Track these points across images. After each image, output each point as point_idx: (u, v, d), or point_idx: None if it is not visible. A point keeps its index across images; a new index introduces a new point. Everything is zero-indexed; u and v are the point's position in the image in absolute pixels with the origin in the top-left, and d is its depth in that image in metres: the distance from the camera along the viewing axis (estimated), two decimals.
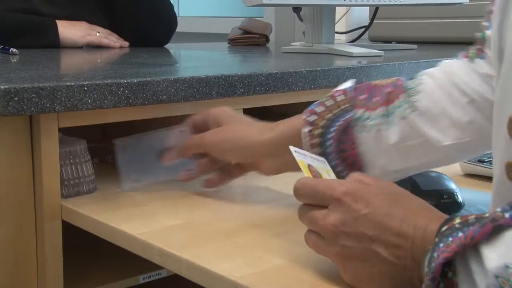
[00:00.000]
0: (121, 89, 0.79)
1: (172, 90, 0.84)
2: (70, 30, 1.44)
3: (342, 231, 0.51)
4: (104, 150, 1.10)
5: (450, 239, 0.44)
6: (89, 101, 0.76)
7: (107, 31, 1.52)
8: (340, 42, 1.70)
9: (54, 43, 1.42)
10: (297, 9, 1.43)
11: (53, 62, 1.16)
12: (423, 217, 0.50)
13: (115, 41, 1.51)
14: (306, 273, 0.56)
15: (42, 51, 1.33)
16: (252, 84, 0.92)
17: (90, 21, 1.50)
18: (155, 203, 0.79)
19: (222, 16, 2.99)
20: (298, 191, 0.57)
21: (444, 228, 0.46)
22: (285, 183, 0.89)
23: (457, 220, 0.46)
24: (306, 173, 0.60)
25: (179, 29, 1.62)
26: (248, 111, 0.95)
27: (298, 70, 0.98)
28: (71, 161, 0.81)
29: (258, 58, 1.34)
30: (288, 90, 0.97)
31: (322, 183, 0.56)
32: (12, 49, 1.20)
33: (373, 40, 1.97)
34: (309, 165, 0.61)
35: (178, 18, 1.62)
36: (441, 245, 0.44)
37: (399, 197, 0.52)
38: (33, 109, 0.72)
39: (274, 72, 0.95)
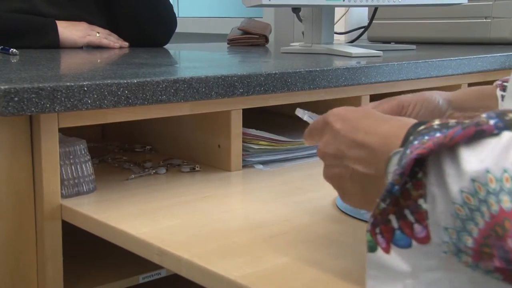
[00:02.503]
0: (121, 89, 0.79)
1: (172, 91, 0.84)
2: (70, 31, 1.44)
3: (325, 152, 0.55)
4: (104, 150, 1.11)
5: (426, 137, 0.42)
6: (89, 101, 0.76)
7: (107, 31, 1.53)
8: (339, 43, 1.70)
9: (54, 44, 1.42)
10: (296, 9, 1.43)
11: (53, 63, 1.16)
12: (388, 125, 0.49)
13: (114, 42, 1.51)
14: (306, 272, 0.57)
15: (42, 51, 1.34)
16: (251, 84, 0.92)
17: (90, 22, 1.50)
18: (155, 203, 0.79)
19: (221, 17, 2.99)
20: (308, 133, 0.59)
21: (421, 127, 0.44)
22: (284, 183, 0.89)
23: (436, 122, 0.44)
24: None
25: (178, 29, 1.62)
26: (247, 111, 0.96)
27: (297, 70, 0.98)
28: (71, 161, 0.81)
29: (258, 59, 1.35)
30: (287, 90, 0.97)
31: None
32: (12, 49, 1.20)
33: (372, 40, 1.97)
34: None
35: (177, 18, 1.62)
36: (416, 142, 0.43)
37: (373, 112, 0.53)
38: (33, 109, 0.72)
39: (274, 72, 0.95)
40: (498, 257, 0.38)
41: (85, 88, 0.76)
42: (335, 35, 1.46)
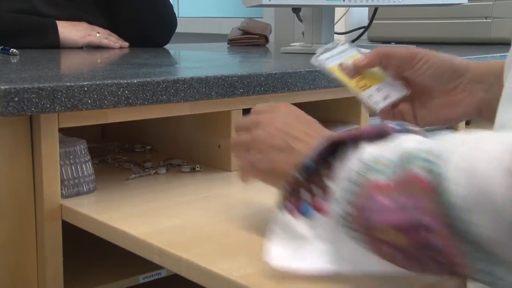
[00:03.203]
0: (121, 89, 0.79)
1: (172, 91, 0.84)
2: (70, 31, 1.45)
3: (260, 122, 0.62)
4: (104, 150, 1.11)
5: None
6: (89, 101, 0.76)
7: (107, 31, 1.53)
8: None
9: (54, 44, 1.42)
10: (296, 9, 1.43)
11: (53, 63, 1.16)
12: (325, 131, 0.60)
13: (115, 42, 1.51)
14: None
15: (42, 51, 1.34)
16: (251, 84, 0.92)
17: (90, 22, 1.51)
18: (155, 203, 0.79)
19: (221, 17, 2.99)
20: (233, 148, 0.66)
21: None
22: None
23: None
24: (341, 77, 0.70)
25: (178, 29, 1.62)
26: (247, 112, 0.95)
27: (298, 70, 0.98)
28: (71, 161, 0.81)
29: (258, 59, 1.35)
30: (288, 90, 0.97)
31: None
32: (12, 49, 1.20)
33: (372, 40, 1.97)
34: (340, 65, 0.69)
35: (177, 18, 1.62)
36: None
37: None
38: (33, 109, 0.72)
39: (274, 72, 0.95)
40: (364, 218, 0.47)
41: (85, 88, 0.76)
42: (335, 35, 1.46)
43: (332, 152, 0.52)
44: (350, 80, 0.72)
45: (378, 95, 0.72)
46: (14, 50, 1.20)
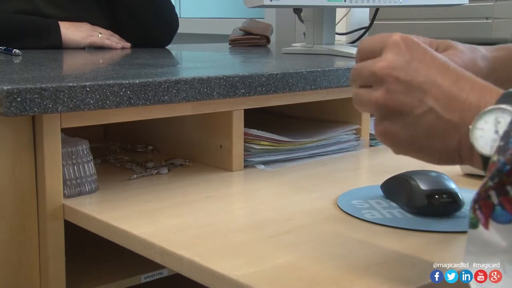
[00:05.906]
0: (123, 89, 0.79)
1: (174, 91, 0.84)
2: (72, 31, 1.45)
3: (390, 74, 0.48)
4: (106, 150, 1.11)
5: None
6: (91, 102, 0.77)
7: (109, 32, 1.53)
8: (341, 43, 1.70)
9: (57, 44, 1.43)
10: (298, 10, 1.43)
11: (56, 63, 1.16)
12: (476, 80, 0.46)
13: (117, 42, 1.52)
14: (307, 272, 0.57)
15: (44, 52, 1.34)
16: (253, 84, 0.92)
17: (92, 22, 1.51)
18: (157, 203, 0.80)
19: (223, 17, 2.99)
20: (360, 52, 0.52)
21: None
22: (285, 183, 0.90)
23: None
24: None
25: (180, 30, 1.63)
26: (249, 112, 0.96)
27: (299, 71, 0.98)
28: (73, 161, 0.82)
29: (259, 59, 1.35)
30: (289, 90, 0.97)
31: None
32: (15, 50, 1.20)
33: None
34: None
35: (179, 19, 1.62)
36: None
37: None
38: (35, 109, 0.73)
39: (275, 72, 0.95)
40: None
41: (88, 89, 0.76)
42: (336, 35, 1.46)
43: None
44: None
45: None
46: (17, 50, 1.20)
